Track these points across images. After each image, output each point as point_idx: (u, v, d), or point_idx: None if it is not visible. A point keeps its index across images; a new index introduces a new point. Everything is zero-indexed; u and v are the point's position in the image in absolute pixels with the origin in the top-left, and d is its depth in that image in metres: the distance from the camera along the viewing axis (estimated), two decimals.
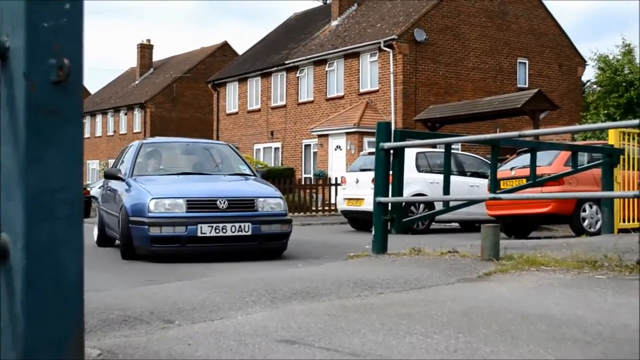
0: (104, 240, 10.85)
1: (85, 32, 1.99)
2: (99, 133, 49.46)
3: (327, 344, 2.95)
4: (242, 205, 8.62)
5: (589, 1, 77.63)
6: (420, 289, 4.70)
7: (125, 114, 46.65)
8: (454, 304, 4.00)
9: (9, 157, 1.91)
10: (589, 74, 54.67)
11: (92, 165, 47.60)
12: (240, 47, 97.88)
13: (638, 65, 29.63)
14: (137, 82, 50.10)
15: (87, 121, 50.04)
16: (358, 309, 3.84)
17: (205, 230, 8.26)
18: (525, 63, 29.69)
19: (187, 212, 8.34)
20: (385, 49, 26.50)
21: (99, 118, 49.74)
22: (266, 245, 8.68)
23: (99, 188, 31.08)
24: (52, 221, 1.88)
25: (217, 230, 8.29)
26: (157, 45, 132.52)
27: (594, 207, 11.34)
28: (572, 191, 10.63)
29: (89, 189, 27.77)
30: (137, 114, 45.56)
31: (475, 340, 2.97)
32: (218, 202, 8.47)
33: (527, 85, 28.53)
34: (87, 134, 49.73)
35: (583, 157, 10.78)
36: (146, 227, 8.20)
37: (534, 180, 7.93)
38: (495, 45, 28.80)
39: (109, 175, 9.87)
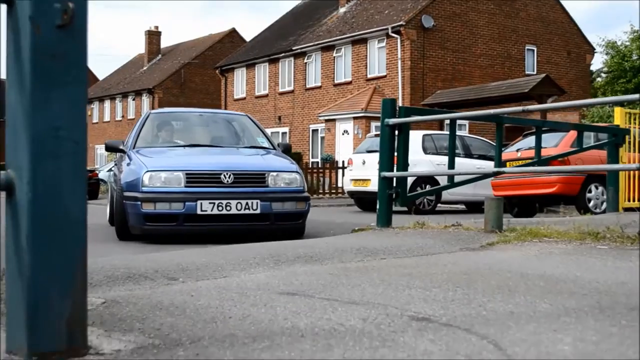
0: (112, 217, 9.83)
1: (93, 19, 2.05)
2: (107, 118, 49.62)
3: (327, 296, 3.01)
4: (250, 180, 7.53)
5: None
6: (422, 256, 4.74)
7: (134, 100, 46.75)
8: (455, 266, 4.05)
9: (16, 98, 1.97)
10: (598, 63, 54.39)
11: (100, 150, 47.74)
12: (248, 34, 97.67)
13: None
14: (145, 68, 50.19)
15: (95, 106, 50.20)
16: (359, 270, 3.90)
17: (206, 207, 7.21)
18: (533, 50, 29.61)
19: (186, 186, 7.31)
20: (393, 35, 26.47)
21: (107, 103, 49.88)
22: (279, 225, 7.56)
23: (107, 171, 31.39)
24: (56, 158, 1.93)
25: (220, 208, 7.22)
26: (165, 32, 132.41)
27: (600, 188, 11.35)
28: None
29: (97, 171, 27.94)
30: (145, 100, 45.67)
31: (472, 292, 3.02)
32: (222, 176, 7.41)
33: (535, 72, 28.46)
34: (95, 119, 49.92)
35: (589, 141, 10.79)
36: (139, 203, 7.22)
37: (539, 159, 7.95)
38: (504, 32, 28.71)
39: (110, 147, 8.73)
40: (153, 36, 50.64)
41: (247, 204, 7.29)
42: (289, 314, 2.62)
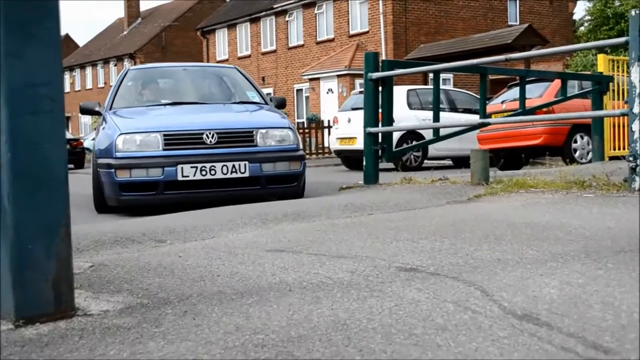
0: None
1: None
2: (89, 85, 49.13)
3: (315, 251, 3.01)
4: (236, 139, 6.65)
5: None
6: (410, 210, 4.75)
7: (115, 65, 46.25)
8: (442, 219, 4.06)
9: None
10: (581, 11, 54.15)
11: (84, 119, 47.36)
12: None
13: None
14: (125, 32, 49.58)
15: (76, 74, 49.66)
16: (347, 225, 3.91)
17: (187, 172, 6.33)
18: (515, 0, 29.41)
19: (164, 149, 6.42)
20: None
21: (88, 70, 49.34)
22: (271, 189, 6.67)
23: (92, 140, 31.19)
24: (35, 115, 1.90)
25: (204, 172, 6.36)
26: None
27: (585, 138, 11.37)
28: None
29: (82, 140, 27.76)
30: (127, 65, 45.20)
31: (459, 242, 3.03)
32: (204, 136, 6.50)
33: (517, 23, 28.29)
34: (77, 87, 49.41)
35: (574, 90, 10.78)
36: (113, 170, 6.35)
37: (524, 109, 7.95)
38: None
39: (85, 110, 7.84)
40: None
41: (233, 166, 6.45)
42: (277, 270, 2.62)
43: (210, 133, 6.53)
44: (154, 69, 9.23)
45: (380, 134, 7.08)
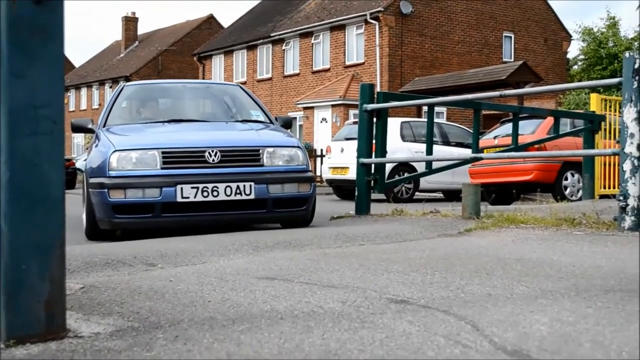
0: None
1: (70, 5, 2.02)
2: (84, 106, 49.17)
3: (306, 280, 3.02)
4: (241, 158, 6.09)
5: None
6: (401, 242, 4.76)
7: (111, 87, 46.35)
8: (433, 252, 4.08)
9: None
10: (575, 50, 54.79)
11: (77, 139, 47.34)
12: (226, 20, 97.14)
13: (622, 38, 29.73)
14: (122, 55, 49.78)
15: (71, 94, 49.69)
16: (338, 255, 3.91)
17: (187, 193, 5.77)
18: (510, 37, 29.74)
19: (162, 168, 5.86)
20: (372, 21, 26.45)
21: (83, 91, 49.42)
22: (278, 213, 6.15)
23: (84, 160, 31.13)
24: (35, 136, 1.92)
25: (206, 193, 5.80)
26: (142, 18, 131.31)
27: (576, 176, 11.45)
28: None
29: (74, 160, 27.73)
30: (123, 82, 45.30)
31: (450, 276, 3.04)
32: (207, 154, 5.95)
33: (512, 59, 28.59)
34: (72, 107, 49.42)
35: (566, 128, 10.88)
36: (105, 190, 5.78)
37: (516, 145, 8.01)
38: (481, 18, 28.80)
39: (77, 127, 7.25)
40: (130, 22, 50.22)
41: (238, 187, 5.88)
42: (268, 297, 2.62)
43: (212, 151, 5.97)
44: (152, 85, 8.65)
45: (373, 165, 7.11)
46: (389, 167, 12.75)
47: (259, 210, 6.04)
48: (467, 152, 13.81)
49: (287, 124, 7.55)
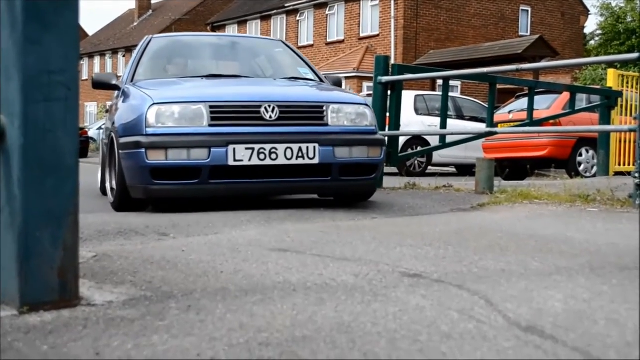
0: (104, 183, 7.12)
1: None
2: None
3: (318, 252, 3.01)
4: (303, 116, 5.19)
5: None
6: (414, 216, 4.75)
7: (124, 56, 46.29)
8: (446, 226, 4.06)
9: (8, 40, 1.93)
10: (592, 25, 54.17)
11: (90, 108, 47.41)
12: None
13: None
14: (135, 24, 49.63)
15: (84, 63, 49.68)
16: (351, 228, 3.91)
17: (241, 155, 4.85)
18: (527, 11, 29.41)
19: (210, 125, 4.93)
20: None
21: (96, 60, 49.41)
22: (344, 182, 5.18)
23: (97, 129, 31.11)
24: (49, 102, 1.91)
25: (262, 156, 4.89)
26: None
27: (590, 152, 11.37)
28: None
29: (87, 129, 27.81)
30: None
31: (464, 250, 3.03)
32: (263, 110, 5.01)
33: (528, 34, 28.30)
34: (84, 76, 49.38)
35: (582, 104, 10.78)
36: (142, 151, 4.82)
37: (531, 120, 7.95)
38: None
39: (99, 83, 6.29)
40: None
41: (300, 149, 4.97)
42: (281, 269, 2.62)
43: (269, 106, 5.03)
44: (183, 37, 7.63)
45: (386, 138, 7.08)
46: (402, 141, 12.70)
47: (323, 178, 5.11)
48: (481, 127, 13.73)
49: (338, 84, 6.63)
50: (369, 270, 2.57)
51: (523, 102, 10.43)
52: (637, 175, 4.91)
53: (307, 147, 4.98)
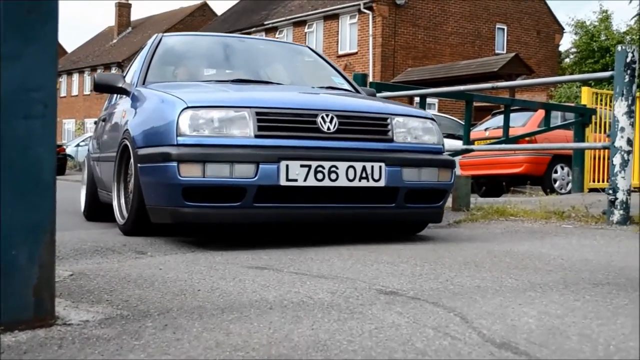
0: (96, 208, 6.38)
1: None
2: (75, 92, 48.92)
3: (296, 270, 3.02)
4: (365, 128, 4.27)
5: None
6: (390, 233, 4.77)
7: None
8: (422, 243, 4.10)
9: None
10: (567, 43, 54.90)
11: (68, 125, 47.14)
12: (220, 7, 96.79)
13: (614, 32, 29.83)
14: (114, 41, 49.52)
15: (63, 80, 49.44)
16: (328, 245, 3.92)
17: (295, 173, 3.92)
18: (503, 29, 29.77)
19: (257, 136, 3.98)
20: (365, 11, 26.42)
21: (75, 77, 49.16)
22: (410, 210, 4.31)
23: (76, 147, 30.88)
24: (27, 119, 1.91)
25: (320, 175, 3.97)
26: (136, 5, 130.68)
27: (565, 169, 11.49)
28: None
29: (64, 146, 27.64)
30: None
31: (440, 267, 3.06)
32: (320, 120, 4.10)
33: (504, 51, 28.62)
34: (63, 93, 49.17)
35: (557, 121, 10.91)
36: (173, 165, 3.83)
37: (507, 137, 8.02)
38: (475, 10, 28.80)
39: (103, 86, 5.27)
40: (123, 8, 49.95)
41: (364, 169, 4.07)
42: (258, 287, 2.63)
43: (327, 115, 4.13)
44: (197, 37, 6.76)
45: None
46: None
47: (387, 204, 4.22)
48: (457, 144, 13.83)
49: (372, 96, 5.71)
50: (346, 288, 2.58)
51: (499, 120, 10.53)
52: (610, 192, 4.98)
53: (373, 167, 4.10)
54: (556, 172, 11.65)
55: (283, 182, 3.89)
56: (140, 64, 5.43)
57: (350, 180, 4.02)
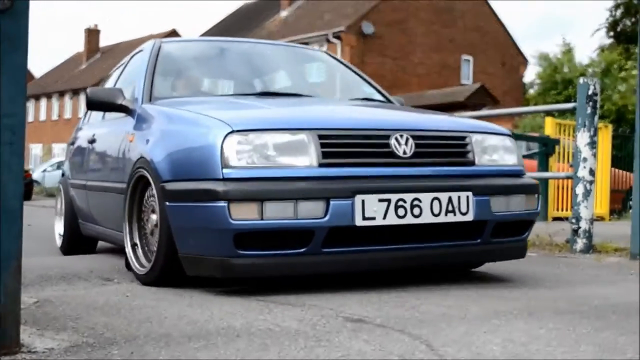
0: (76, 242, 5.59)
1: (32, 15, 2.02)
2: (43, 117, 48.46)
3: (263, 297, 3.02)
4: (443, 150, 3.56)
5: (533, 0, 79.42)
6: None
7: (71, 99, 45.81)
8: (390, 271, 4.12)
9: None
10: (531, 75, 55.86)
11: (35, 150, 46.60)
12: (189, 35, 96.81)
13: (577, 65, 30.46)
14: (83, 66, 49.27)
15: (31, 105, 48.98)
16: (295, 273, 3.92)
17: (373, 209, 3.17)
18: (469, 60, 30.24)
19: (321, 165, 3.21)
20: (334, 40, 26.67)
21: (43, 102, 48.73)
22: (494, 246, 3.58)
23: (42, 172, 30.44)
24: None
25: (402, 211, 3.23)
26: (105, 31, 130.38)
27: None
28: None
29: (31, 171, 27.32)
30: (83, 99, 44.76)
31: (406, 295, 3.08)
32: (393, 142, 3.35)
33: (470, 82, 29.05)
34: (30, 118, 48.67)
35: (521, 150, 11.08)
36: (221, 205, 3.02)
37: None
38: (441, 41, 29.24)
39: (97, 103, 4.33)
40: (92, 34, 49.75)
41: (450, 200, 3.33)
42: (225, 314, 2.63)
43: (402, 136, 3.39)
44: (201, 42, 5.75)
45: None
46: None
47: (472, 240, 3.49)
48: None
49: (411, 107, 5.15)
50: (313, 315, 2.60)
51: None
52: (574, 220, 5.07)
53: (459, 197, 3.36)
54: None
55: (359, 221, 3.14)
56: (143, 76, 4.41)
57: (435, 216, 3.29)
